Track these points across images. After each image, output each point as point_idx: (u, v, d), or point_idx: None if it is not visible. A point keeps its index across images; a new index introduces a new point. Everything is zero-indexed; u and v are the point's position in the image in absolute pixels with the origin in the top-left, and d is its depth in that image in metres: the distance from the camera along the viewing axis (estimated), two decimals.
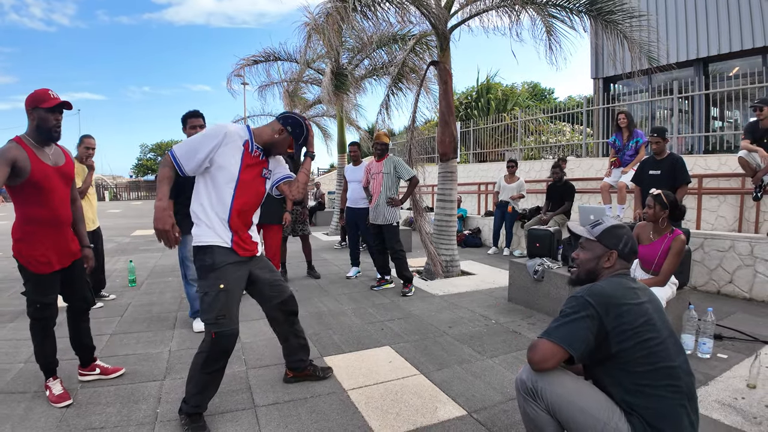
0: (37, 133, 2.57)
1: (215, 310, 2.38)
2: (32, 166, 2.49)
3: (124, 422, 2.52)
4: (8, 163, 2.40)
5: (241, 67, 11.53)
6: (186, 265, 4.02)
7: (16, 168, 2.44)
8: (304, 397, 2.80)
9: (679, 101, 9.88)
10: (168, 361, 3.35)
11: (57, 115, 2.57)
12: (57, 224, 2.67)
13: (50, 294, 2.72)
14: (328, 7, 5.12)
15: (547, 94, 30.80)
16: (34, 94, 2.54)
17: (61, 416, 2.57)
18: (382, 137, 5.49)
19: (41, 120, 2.52)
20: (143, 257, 8.13)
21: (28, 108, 2.54)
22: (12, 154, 2.43)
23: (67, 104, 2.59)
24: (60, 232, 2.70)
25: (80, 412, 2.63)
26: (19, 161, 2.44)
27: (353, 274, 6.25)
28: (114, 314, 4.55)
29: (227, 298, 2.41)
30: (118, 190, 40.31)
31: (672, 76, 9.98)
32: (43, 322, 2.74)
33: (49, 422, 2.51)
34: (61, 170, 2.68)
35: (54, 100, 2.53)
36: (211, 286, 2.39)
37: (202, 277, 2.44)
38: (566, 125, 14.12)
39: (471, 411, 2.63)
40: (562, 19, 5.67)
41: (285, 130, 2.57)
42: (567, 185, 7.42)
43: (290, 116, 2.61)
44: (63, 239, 2.73)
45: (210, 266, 2.41)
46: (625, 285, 1.78)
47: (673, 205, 3.51)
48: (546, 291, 4.52)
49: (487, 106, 19.89)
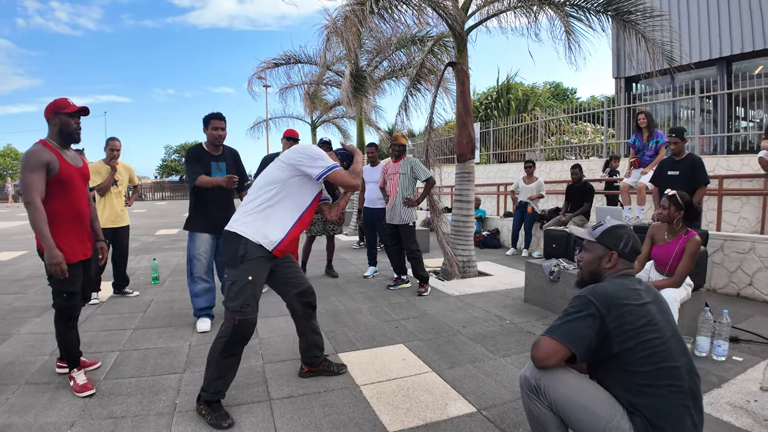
0: (60, 137, 2.78)
1: (241, 299, 2.53)
2: (60, 165, 2.70)
3: (144, 412, 2.63)
4: (43, 165, 2.64)
5: (262, 69, 11.74)
6: (192, 262, 4.09)
7: (47, 168, 2.66)
8: (318, 392, 2.88)
9: (702, 101, 9.70)
10: (188, 355, 3.48)
11: (77, 119, 2.81)
12: (79, 219, 2.86)
13: (76, 283, 2.85)
14: (347, 9, 5.19)
15: (569, 94, 30.43)
16: (54, 102, 2.77)
17: (83, 405, 2.70)
18: (399, 138, 5.56)
19: (63, 124, 2.75)
20: (166, 256, 8.35)
21: (49, 115, 2.76)
22: (45, 156, 2.66)
23: (86, 110, 2.82)
24: (81, 227, 2.89)
25: (102, 401, 2.75)
26: (51, 162, 2.66)
27: (370, 274, 6.33)
28: (137, 310, 4.71)
29: (253, 289, 2.58)
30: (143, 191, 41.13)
31: (694, 76, 9.81)
32: (69, 312, 2.86)
33: (72, 411, 2.63)
34: (80, 171, 2.90)
35: (74, 106, 2.77)
36: (240, 276, 2.55)
37: (232, 266, 2.58)
38: (588, 125, 13.94)
39: (481, 408, 2.67)
40: (580, 18, 5.64)
41: (342, 165, 2.95)
42: (586, 186, 7.37)
43: (345, 153, 3.03)
44: (84, 233, 2.92)
45: (242, 257, 2.56)
46: (628, 285, 1.80)
47: (688, 206, 3.47)
48: (562, 292, 4.51)
49: (507, 107, 19.76)
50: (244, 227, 2.60)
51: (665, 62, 5.76)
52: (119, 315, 4.55)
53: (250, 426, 2.48)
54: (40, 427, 2.46)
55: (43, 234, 2.61)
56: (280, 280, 2.89)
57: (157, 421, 2.52)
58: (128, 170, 5.42)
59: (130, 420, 2.55)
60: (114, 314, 4.57)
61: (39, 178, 2.62)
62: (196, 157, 3.98)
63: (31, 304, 4.93)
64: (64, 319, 2.86)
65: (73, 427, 2.46)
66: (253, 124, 17.21)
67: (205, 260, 4.07)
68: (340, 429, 2.45)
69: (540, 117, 13.56)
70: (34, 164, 2.62)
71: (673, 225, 3.53)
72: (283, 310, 4.53)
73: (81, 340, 3.59)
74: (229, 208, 4.12)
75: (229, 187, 3.98)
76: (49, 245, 2.62)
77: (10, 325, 4.19)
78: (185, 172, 4.09)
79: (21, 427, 2.44)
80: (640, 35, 5.56)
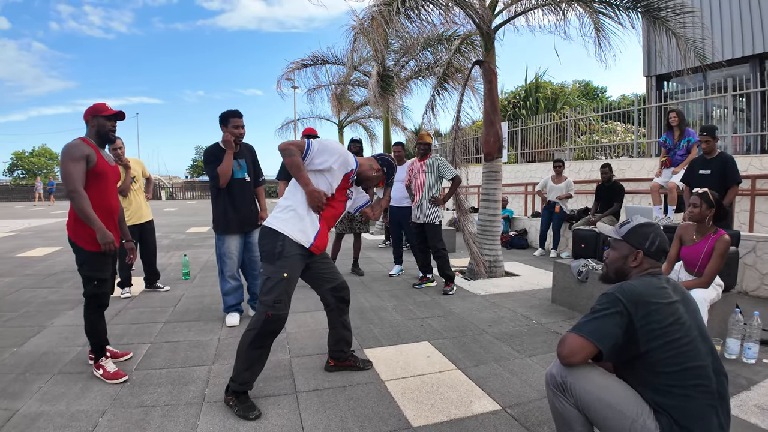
0: (97, 137, 3.00)
1: (274, 294, 2.59)
2: (98, 159, 2.91)
3: (173, 402, 2.71)
4: (84, 157, 2.83)
5: (290, 70, 11.89)
6: (223, 261, 4.15)
7: (87, 160, 2.85)
8: (343, 386, 2.91)
9: (735, 99, 9.40)
10: (217, 348, 3.56)
11: (113, 122, 3.02)
12: (109, 212, 3.01)
13: (106, 270, 3.00)
14: (373, 10, 5.23)
15: (599, 93, 29.85)
16: (93, 106, 2.99)
17: (114, 394, 2.80)
18: (424, 137, 5.57)
19: (101, 126, 2.97)
20: (196, 252, 8.55)
21: (88, 117, 2.98)
22: (86, 149, 2.86)
23: (122, 114, 3.06)
24: (110, 220, 3.03)
25: (133, 391, 2.85)
26: (90, 155, 2.86)
27: (396, 272, 6.35)
28: (168, 304, 4.85)
29: (287, 286, 2.64)
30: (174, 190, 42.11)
31: (727, 73, 9.51)
32: (99, 300, 3.01)
33: (104, 399, 2.74)
34: (113, 168, 3.11)
35: (111, 110, 3.01)
36: (275, 272, 2.62)
37: (268, 261, 2.65)
38: (618, 124, 13.66)
39: (505, 406, 2.66)
40: (609, 15, 5.55)
41: (381, 170, 3.03)
42: (616, 186, 7.23)
43: (387, 159, 3.09)
44: (112, 227, 3.03)
45: (279, 254, 2.63)
46: (656, 284, 1.77)
47: (718, 205, 3.40)
48: (590, 292, 4.44)
49: (536, 105, 19.49)
50: (282, 224, 2.68)
51: (696, 60, 5.62)
52: (151, 309, 4.69)
53: (277, 417, 2.53)
54: (72, 414, 2.55)
55: (92, 218, 2.78)
56: (315, 275, 2.96)
57: (186, 411, 2.60)
58: (139, 164, 5.49)
59: (160, 409, 2.63)
60: (146, 308, 4.71)
61: (81, 168, 2.80)
62: (214, 156, 4.04)
63: (64, 297, 5.13)
64: (94, 306, 3.00)
65: (104, 415, 2.55)
66: (281, 125, 17.43)
67: (235, 258, 4.14)
68: (365, 422, 2.48)
69: (569, 116, 13.35)
70: (77, 155, 2.80)
71: (703, 224, 3.46)
72: (310, 306, 4.63)
73: (113, 332, 3.73)
74: (253, 204, 4.20)
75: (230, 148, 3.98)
76: (100, 227, 2.79)
77: (44, 317, 4.36)
78: (205, 171, 4.16)
79: (53, 415, 2.54)
80: (671, 32, 5.44)
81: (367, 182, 3.05)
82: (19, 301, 5.00)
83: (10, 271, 6.71)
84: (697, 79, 10.04)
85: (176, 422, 2.48)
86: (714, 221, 3.46)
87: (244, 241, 4.19)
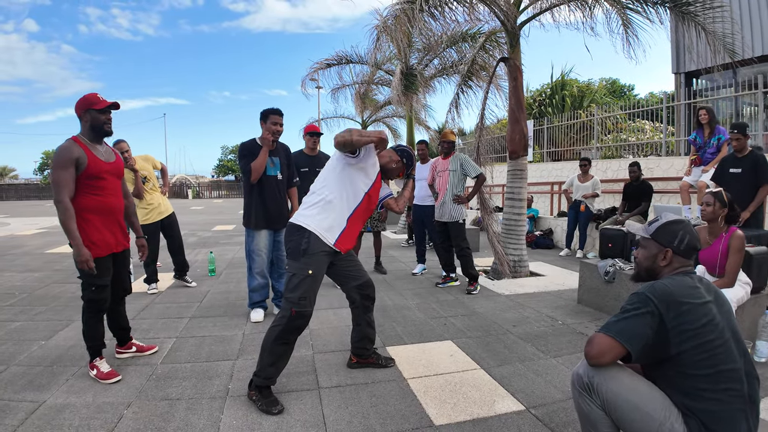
0: (92, 132, 2.85)
1: (300, 291, 2.62)
2: (89, 161, 2.77)
3: (198, 395, 2.75)
4: (72, 162, 2.70)
5: (314, 70, 11.96)
6: (252, 257, 4.20)
7: (77, 164, 2.73)
8: (366, 383, 2.91)
9: (766, 96, 9.07)
10: (241, 343, 3.60)
11: (107, 114, 2.86)
12: (109, 212, 2.92)
13: (105, 276, 2.91)
14: (397, 9, 5.22)
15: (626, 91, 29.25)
16: (84, 99, 2.82)
17: (140, 387, 2.86)
18: (448, 135, 5.53)
19: (94, 120, 2.81)
20: (222, 250, 8.67)
21: (80, 111, 2.82)
22: (75, 152, 2.72)
23: (116, 105, 2.87)
24: (112, 220, 2.95)
25: (158, 384, 2.91)
26: (80, 158, 2.73)
27: (419, 271, 6.32)
28: (194, 300, 4.93)
29: (312, 283, 2.66)
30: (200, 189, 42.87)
31: (758, 70, 9.19)
32: (98, 305, 2.93)
33: (130, 392, 2.79)
34: (112, 165, 2.95)
35: (104, 102, 2.82)
36: (300, 269, 2.64)
37: (293, 258, 2.68)
38: (646, 123, 13.34)
39: (529, 407, 2.62)
40: (637, 10, 5.42)
41: (401, 161, 3.04)
42: (644, 185, 7.05)
43: (405, 150, 3.10)
44: (115, 227, 2.98)
45: (304, 251, 2.65)
46: (688, 284, 1.72)
47: (730, 205, 3.37)
48: (617, 293, 4.35)
49: (562, 103, 19.18)
50: (308, 220, 2.70)
51: (726, 56, 5.46)
52: (177, 304, 4.77)
53: (299, 413, 2.54)
54: (98, 406, 2.61)
55: (71, 233, 2.68)
56: (340, 272, 2.97)
57: (210, 405, 2.63)
58: (148, 160, 5.40)
59: (184, 402, 2.67)
60: (172, 303, 4.80)
61: (69, 175, 2.69)
62: (248, 151, 4.09)
63: None
64: (93, 311, 2.93)
65: (129, 407, 2.60)
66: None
67: (264, 255, 4.19)
68: (387, 420, 2.47)
69: (596, 114, 13.11)
70: (64, 161, 2.69)
71: (715, 224, 3.40)
72: (333, 303, 4.65)
73: (140, 326, 3.79)
74: (284, 203, 4.24)
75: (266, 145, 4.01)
76: (77, 243, 2.68)
77: (72, 312, 4.46)
78: (239, 165, 4.20)
79: (79, 407, 2.60)
80: (700, 27, 5.29)
81: (387, 174, 3.05)
82: (48, 295, 5.15)
83: (40, 267, 6.93)
84: (727, 76, 9.77)
85: (200, 416, 2.51)
86: (725, 222, 3.42)
87: (273, 239, 4.23)
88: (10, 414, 2.49)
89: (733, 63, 5.66)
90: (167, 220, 5.32)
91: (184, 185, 41.14)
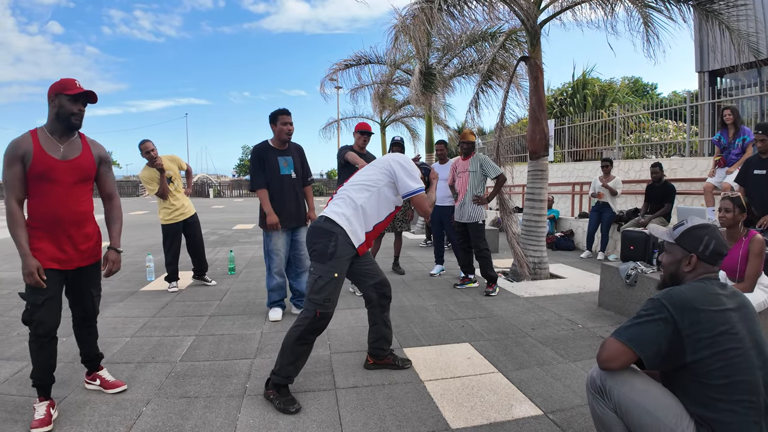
0: (57, 122, 2.40)
1: (325, 293, 2.66)
2: (34, 157, 2.33)
3: (216, 393, 2.78)
4: (18, 159, 2.31)
5: (334, 71, 12.01)
6: (270, 257, 4.23)
7: (23, 160, 2.33)
8: (382, 384, 2.91)
9: None
10: (259, 342, 3.63)
11: (79, 105, 2.41)
12: (56, 222, 2.42)
13: (40, 295, 2.36)
14: (415, 8, 5.20)
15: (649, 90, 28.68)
16: (59, 82, 2.40)
17: (159, 384, 2.90)
18: (468, 135, 5.49)
19: (61, 107, 2.36)
20: (242, 248, 8.76)
21: (51, 94, 2.38)
22: (21, 147, 2.31)
23: (92, 95, 2.44)
24: (60, 232, 2.44)
25: (177, 382, 2.95)
26: (26, 155, 2.32)
27: (437, 272, 6.30)
28: (214, 298, 4.99)
29: (337, 285, 2.71)
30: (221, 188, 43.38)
31: None
32: (35, 328, 2.39)
33: (149, 389, 2.84)
34: (71, 164, 2.43)
35: (78, 88, 2.38)
36: (327, 272, 2.67)
37: (319, 261, 2.70)
38: (669, 122, 13.05)
39: (547, 411, 2.58)
40: (659, 9, 5.31)
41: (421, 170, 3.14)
42: (667, 186, 6.91)
43: (426, 166, 3.30)
44: (65, 239, 2.46)
45: (331, 254, 2.68)
46: (708, 290, 1.67)
47: (748, 209, 3.34)
48: (638, 296, 4.26)
49: (584, 103, 18.88)
50: (341, 219, 2.73)
51: (751, 55, 5.32)
52: (197, 302, 4.83)
53: (316, 413, 2.55)
54: (117, 403, 2.66)
55: (16, 240, 2.30)
56: (358, 271, 3.00)
57: (228, 403, 2.66)
58: (174, 160, 5.41)
59: (202, 400, 2.70)
60: (192, 301, 4.86)
61: (15, 175, 2.30)
62: (260, 160, 4.12)
63: (114, 290, 5.35)
64: (32, 335, 2.41)
65: (148, 404, 2.64)
66: (324, 125, 17.61)
67: (282, 255, 4.22)
68: (403, 422, 2.46)
69: (618, 113, 12.88)
70: (9, 158, 2.31)
71: (734, 229, 3.35)
72: (350, 304, 4.67)
73: (161, 324, 3.82)
74: (299, 201, 4.26)
75: None
76: (23, 252, 2.29)
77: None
78: (249, 171, 4.25)
79: (99, 403, 2.65)
80: (724, 26, 5.17)
81: None
82: None
83: None
84: (751, 75, 9.51)
85: (217, 414, 2.54)
86: (744, 225, 3.39)
87: (290, 238, 4.26)
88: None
89: (758, 62, 5.52)
90: (189, 221, 5.37)
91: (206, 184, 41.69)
